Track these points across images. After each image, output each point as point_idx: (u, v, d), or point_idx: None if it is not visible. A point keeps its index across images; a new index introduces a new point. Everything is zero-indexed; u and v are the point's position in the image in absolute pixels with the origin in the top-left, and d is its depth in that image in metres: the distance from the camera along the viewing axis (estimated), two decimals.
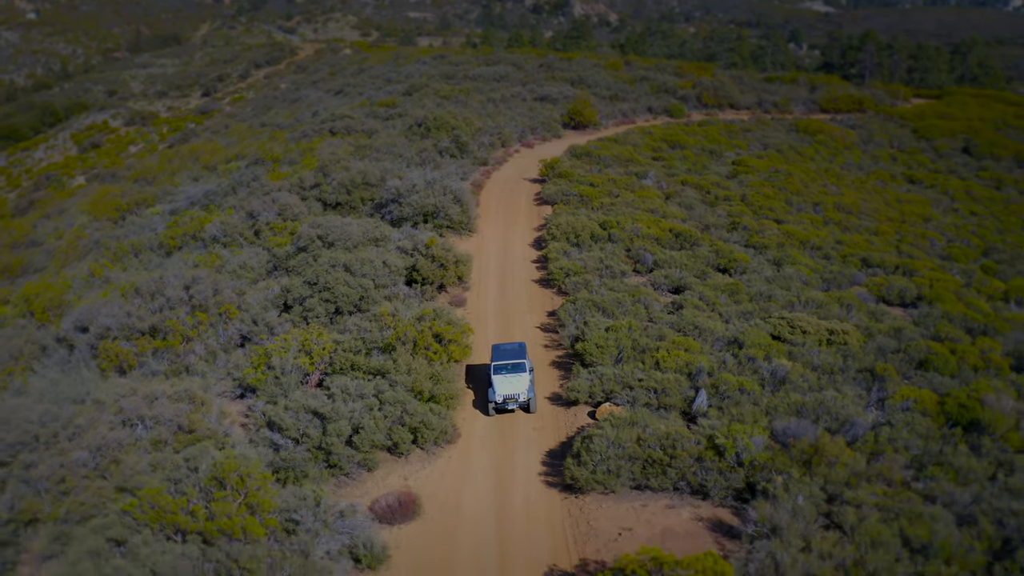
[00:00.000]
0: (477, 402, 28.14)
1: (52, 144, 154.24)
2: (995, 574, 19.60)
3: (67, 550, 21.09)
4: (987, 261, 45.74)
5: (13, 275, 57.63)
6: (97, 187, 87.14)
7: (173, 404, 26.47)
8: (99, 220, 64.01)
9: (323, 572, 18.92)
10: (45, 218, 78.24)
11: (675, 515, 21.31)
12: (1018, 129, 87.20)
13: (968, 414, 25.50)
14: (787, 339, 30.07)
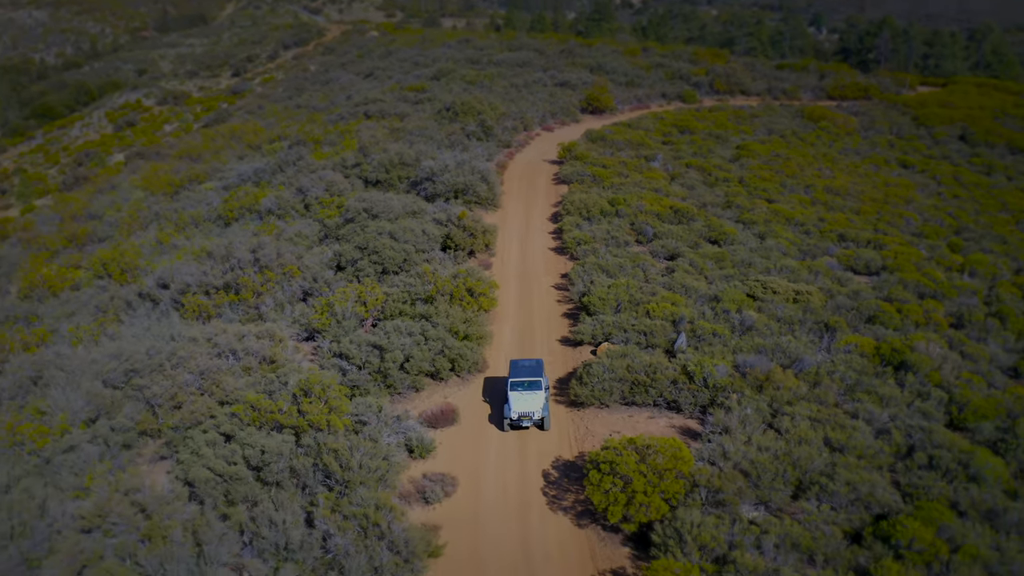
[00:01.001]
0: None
1: (87, 123, 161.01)
2: (897, 470, 26.35)
3: (187, 442, 28.10)
4: (955, 239, 51.99)
5: (80, 243, 64.90)
6: (143, 164, 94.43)
7: (257, 340, 33.56)
8: (154, 195, 71.25)
9: (387, 454, 25.89)
10: (98, 193, 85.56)
11: (654, 423, 28.19)
12: (1016, 118, 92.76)
13: (899, 356, 32.15)
14: (759, 297, 36.75)
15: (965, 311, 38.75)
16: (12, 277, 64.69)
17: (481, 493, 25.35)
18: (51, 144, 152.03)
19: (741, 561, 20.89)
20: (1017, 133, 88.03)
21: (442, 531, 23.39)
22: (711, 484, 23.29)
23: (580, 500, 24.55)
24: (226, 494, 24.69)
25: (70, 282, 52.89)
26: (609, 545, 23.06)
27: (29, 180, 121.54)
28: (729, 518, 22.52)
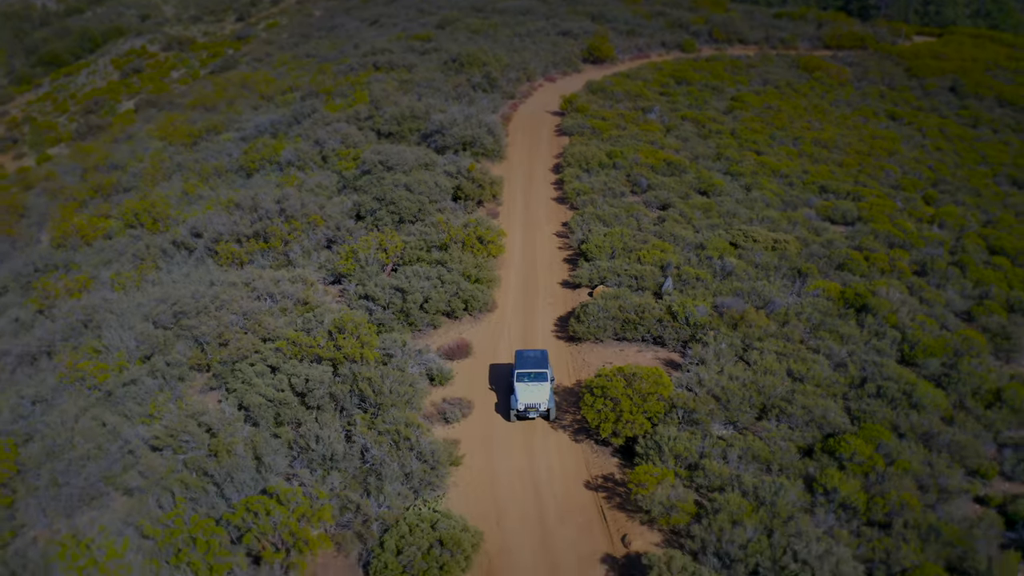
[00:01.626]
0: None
1: (93, 70, 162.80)
2: (849, 398, 30.85)
3: (235, 374, 32.54)
4: (931, 191, 55.97)
5: (106, 194, 68.88)
6: (157, 113, 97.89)
7: (291, 284, 37.99)
8: (173, 145, 75.03)
9: (412, 382, 30.44)
10: (115, 142, 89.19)
11: (642, 356, 32.70)
12: (1007, 71, 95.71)
13: (861, 300, 36.52)
14: (741, 245, 41.01)
15: (929, 260, 42.99)
16: (44, 226, 68.95)
17: (493, 415, 29.97)
18: (58, 92, 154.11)
19: (709, 468, 25.54)
20: (1007, 86, 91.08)
21: (461, 445, 28.05)
22: (687, 406, 27.87)
23: (577, 420, 29.17)
24: (276, 416, 29.29)
25: (102, 231, 57.11)
26: (601, 456, 27.73)
27: (40, 129, 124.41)
28: (701, 434, 27.15)
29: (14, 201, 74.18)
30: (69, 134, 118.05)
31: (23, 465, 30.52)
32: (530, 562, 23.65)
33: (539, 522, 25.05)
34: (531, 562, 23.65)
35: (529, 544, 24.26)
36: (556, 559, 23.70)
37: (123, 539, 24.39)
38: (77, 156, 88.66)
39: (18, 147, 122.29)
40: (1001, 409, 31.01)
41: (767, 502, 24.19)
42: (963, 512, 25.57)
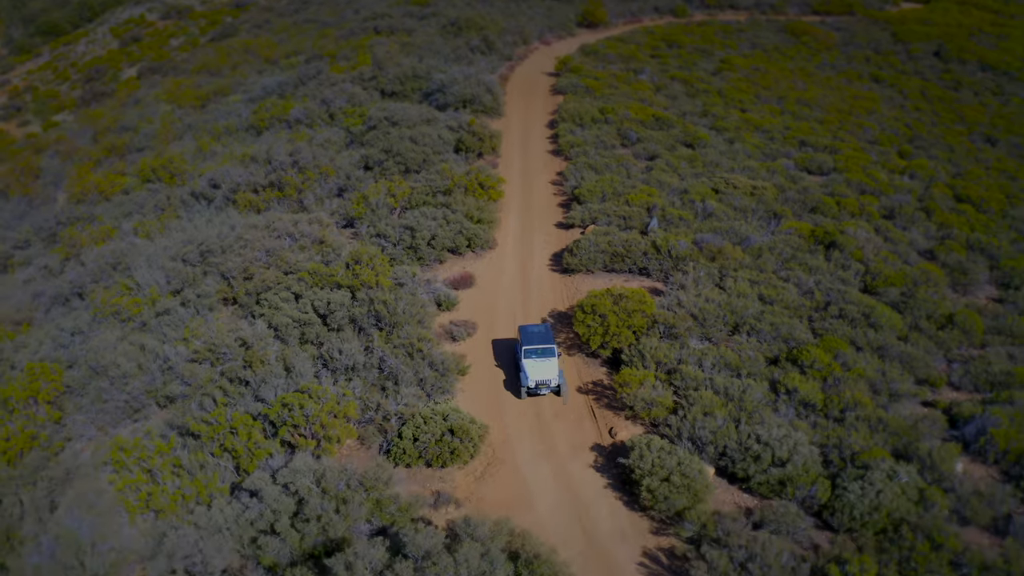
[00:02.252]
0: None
1: (92, 39, 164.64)
2: (814, 319, 34.57)
3: (262, 303, 36.08)
4: (905, 146, 59.52)
5: (120, 153, 72.14)
6: (161, 79, 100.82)
7: (308, 225, 41.49)
8: (182, 107, 78.19)
9: (423, 306, 34.09)
10: (123, 107, 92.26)
11: (628, 285, 36.34)
12: (991, 36, 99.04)
13: (830, 237, 40.19)
14: (722, 191, 44.59)
15: (897, 205, 46.68)
16: (60, 185, 72.18)
17: (495, 334, 33.69)
18: (58, 61, 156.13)
19: (686, 371, 29.31)
20: (990, 51, 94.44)
21: (467, 358, 31.77)
22: (668, 322, 31.59)
23: (570, 337, 32.89)
24: (301, 336, 32.95)
25: (120, 187, 60.50)
26: (591, 366, 31.49)
27: (43, 97, 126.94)
28: (679, 345, 30.90)
29: (28, 162, 77.33)
30: (73, 101, 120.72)
31: (68, 386, 34.05)
32: (529, 450, 27.42)
33: (537, 418, 28.83)
34: (530, 450, 27.42)
35: (528, 436, 28.04)
36: (552, 447, 27.51)
37: (170, 436, 28.13)
38: (86, 120, 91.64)
39: (22, 115, 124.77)
40: (952, 330, 34.80)
41: (735, 398, 27.98)
42: (910, 412, 29.39)
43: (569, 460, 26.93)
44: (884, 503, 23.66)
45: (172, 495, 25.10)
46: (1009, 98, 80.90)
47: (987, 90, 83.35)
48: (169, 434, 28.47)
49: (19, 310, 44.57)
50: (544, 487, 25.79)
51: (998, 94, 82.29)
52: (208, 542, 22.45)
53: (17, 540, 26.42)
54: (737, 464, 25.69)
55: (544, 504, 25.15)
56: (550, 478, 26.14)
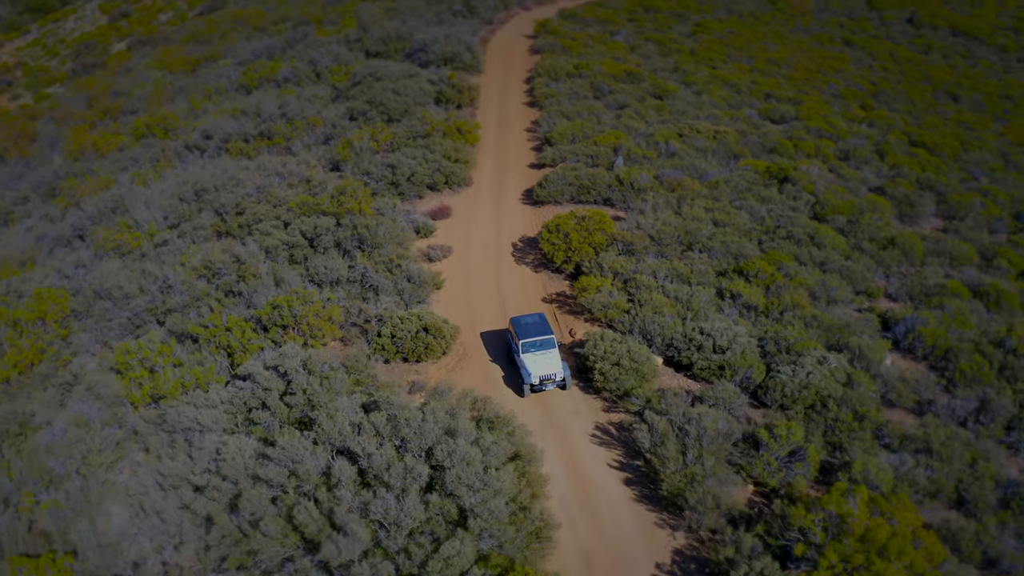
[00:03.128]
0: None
1: (81, 15, 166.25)
2: (763, 240, 37.59)
3: (253, 232, 38.95)
4: (868, 100, 62.53)
5: (114, 116, 74.66)
6: (152, 50, 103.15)
7: (296, 165, 44.36)
8: (173, 73, 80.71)
9: (402, 230, 37.01)
10: (115, 76, 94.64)
11: None
12: (964, 2, 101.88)
13: (784, 173, 43.16)
14: (686, 135, 47.55)
15: (852, 148, 49.70)
16: (56, 148, 74.68)
17: (468, 255, 36.70)
18: (47, 37, 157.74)
19: (640, 280, 32.34)
20: (962, 17, 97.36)
21: (441, 275, 34.76)
22: (626, 240, 34.62)
23: (537, 258, 35.89)
24: (290, 256, 35.87)
25: (115, 145, 63.15)
26: (556, 280, 34.49)
27: (34, 72, 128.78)
28: (636, 259, 33.93)
29: (24, 127, 79.82)
30: (64, 75, 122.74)
31: (74, 309, 36.89)
32: (495, 349, 30.45)
33: (505, 323, 31.84)
34: (496, 349, 30.45)
35: (496, 338, 31.07)
36: None
37: (171, 340, 31.07)
38: (79, 89, 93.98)
39: (13, 89, 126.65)
40: (893, 250, 37.88)
41: (684, 301, 31.03)
42: (846, 314, 32.44)
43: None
44: (813, 383, 26.72)
45: (173, 384, 28.05)
46: (977, 61, 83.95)
47: (957, 54, 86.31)
48: (169, 339, 31.43)
49: (23, 252, 47.27)
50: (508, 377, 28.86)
51: (967, 57, 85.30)
52: (205, 415, 25.41)
53: (30, 430, 29.32)
54: (682, 353, 28.75)
55: (508, 390, 28.19)
56: (515, 370, 29.14)
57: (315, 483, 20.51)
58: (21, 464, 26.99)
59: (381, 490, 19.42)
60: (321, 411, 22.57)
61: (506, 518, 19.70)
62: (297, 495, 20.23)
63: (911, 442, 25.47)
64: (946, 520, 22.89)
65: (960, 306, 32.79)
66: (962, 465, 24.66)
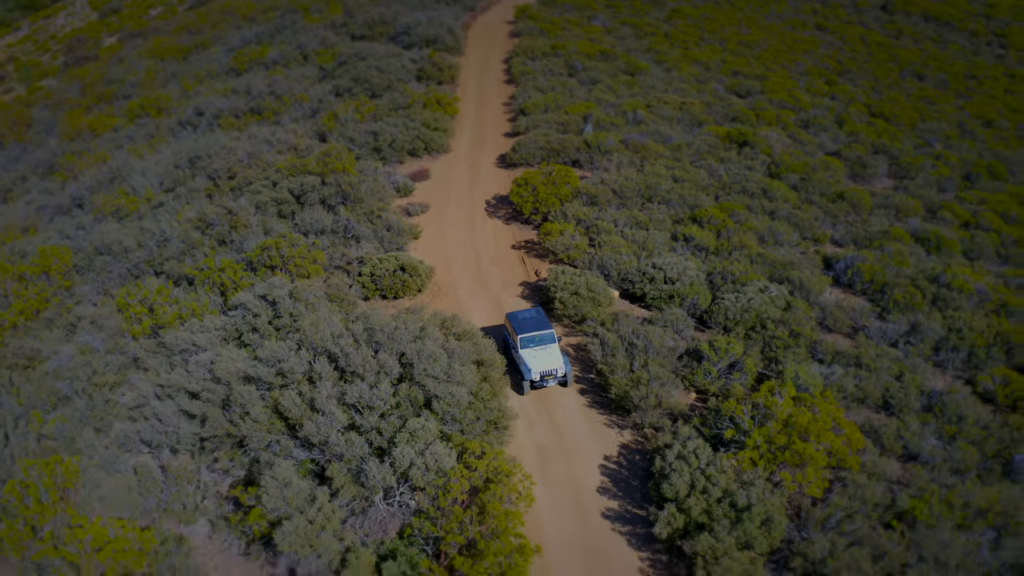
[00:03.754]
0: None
1: (71, 11, 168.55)
2: (719, 195, 40.58)
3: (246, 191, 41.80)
4: (833, 76, 65.66)
5: (108, 100, 77.42)
6: (143, 41, 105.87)
7: (285, 134, 47.26)
8: (165, 60, 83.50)
9: (384, 188, 39.91)
10: (107, 66, 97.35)
11: None
12: None
13: (743, 138, 46.20)
14: (653, 106, 50.55)
15: (812, 118, 52.78)
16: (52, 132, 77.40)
17: (445, 211, 39.67)
18: (38, 34, 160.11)
19: (601, 226, 35.30)
20: (935, 3, 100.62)
21: (419, 226, 37.68)
22: (590, 192, 37.60)
23: (508, 212, 38.87)
24: (278, 211, 38.73)
25: (110, 126, 65.95)
26: (525, 230, 37.47)
27: (26, 66, 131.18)
28: (598, 209, 36.89)
29: (20, 114, 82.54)
30: (56, 68, 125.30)
31: (76, 264, 39.67)
32: (469, 287, 33.41)
33: (476, 265, 34.83)
34: (470, 287, 33.41)
35: (468, 277, 34.04)
36: (487, 284, 33.52)
37: (168, 282, 33.92)
38: (72, 78, 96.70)
39: (5, 83, 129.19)
40: (842, 203, 40.93)
41: (640, 242, 34.00)
42: (791, 254, 35.40)
43: (501, 292, 32.95)
44: (754, 307, 29.68)
45: (171, 316, 30.89)
46: (947, 44, 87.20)
47: (927, 38, 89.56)
48: (167, 283, 34.28)
49: (25, 220, 50.06)
50: (479, 309, 31.75)
51: (937, 41, 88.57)
52: (200, 337, 28.26)
53: (38, 363, 32.08)
54: (636, 286, 31.71)
55: (478, 320, 31.08)
56: (484, 304, 32.08)
57: (298, 380, 23.37)
58: (30, 389, 29.72)
59: (357, 380, 22.30)
60: (305, 320, 25.44)
61: (467, 405, 22.60)
62: (282, 390, 23.10)
63: (843, 357, 28.39)
64: (870, 419, 25.78)
65: (899, 248, 35.86)
66: (889, 377, 27.57)
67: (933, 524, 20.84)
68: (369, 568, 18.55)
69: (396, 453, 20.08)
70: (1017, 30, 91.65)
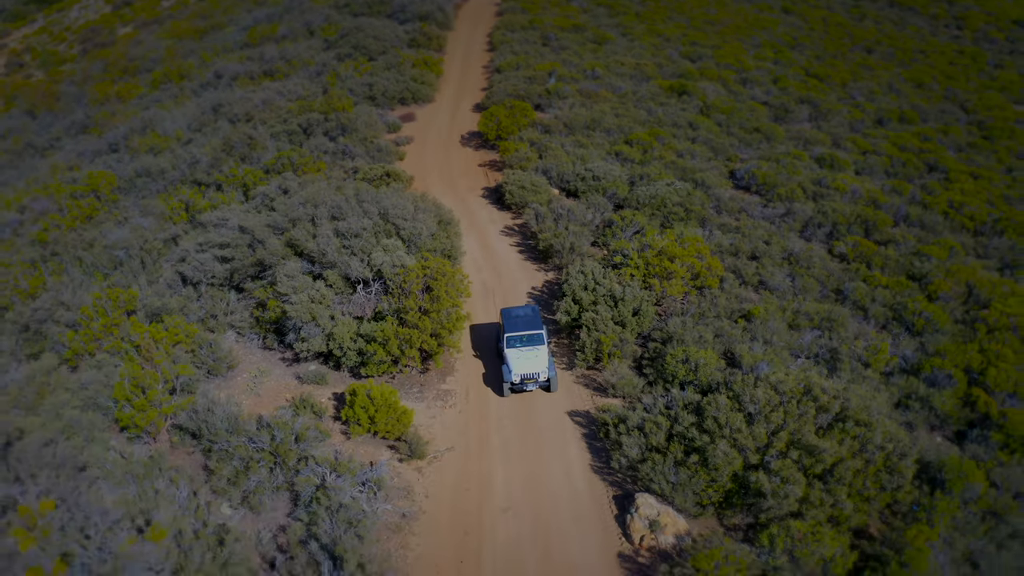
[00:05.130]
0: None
1: (85, 4, 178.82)
2: (665, 136, 50.44)
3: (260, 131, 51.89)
4: (784, 48, 75.47)
5: (132, 73, 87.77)
6: (159, 27, 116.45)
7: (294, 87, 57.38)
8: (183, 40, 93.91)
9: (376, 123, 49.90)
10: (127, 47, 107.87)
11: None
12: None
13: (683, 88, 56.07)
14: (612, 67, 60.48)
15: (751, 76, 62.63)
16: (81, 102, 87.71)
17: (426, 141, 49.76)
18: (53, 26, 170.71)
19: (549, 144, 45.18)
20: None
21: (403, 150, 47.70)
22: (544, 123, 47.56)
23: (478, 142, 48.89)
24: (289, 140, 48.75)
25: (136, 93, 76.17)
26: (490, 154, 47.47)
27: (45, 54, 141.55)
28: (549, 136, 46.84)
29: (49, 87, 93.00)
30: (74, 56, 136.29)
31: (120, 186, 49.62)
32: (439, 189, 43.33)
33: (448, 176, 44.84)
34: (440, 189, 43.33)
35: (440, 183, 43.98)
36: (456, 188, 43.53)
37: (200, 187, 43.89)
38: (95, 59, 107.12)
39: (25, 69, 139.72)
40: (757, 135, 50.69)
41: (578, 156, 43.88)
42: (702, 165, 45.10)
43: (466, 194, 42.94)
44: (660, 194, 39.44)
45: (204, 204, 40.85)
46: (905, 26, 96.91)
47: (889, 21, 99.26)
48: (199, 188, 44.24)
49: (68, 161, 60.17)
50: (448, 204, 41.67)
51: (898, 24, 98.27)
52: (229, 212, 38.15)
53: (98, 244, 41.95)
54: (571, 184, 41.58)
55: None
56: (454, 201, 41.93)
57: (304, 225, 33.22)
58: (92, 258, 39.69)
59: (347, 218, 32.15)
60: (308, 189, 35.38)
61: (428, 237, 32.46)
62: (293, 227, 32.96)
63: (725, 227, 38.10)
64: (736, 263, 35.36)
65: (792, 160, 45.64)
66: (759, 240, 37.20)
67: (766, 319, 30.42)
68: (352, 326, 28.30)
69: (372, 257, 29.89)
70: (975, 14, 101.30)
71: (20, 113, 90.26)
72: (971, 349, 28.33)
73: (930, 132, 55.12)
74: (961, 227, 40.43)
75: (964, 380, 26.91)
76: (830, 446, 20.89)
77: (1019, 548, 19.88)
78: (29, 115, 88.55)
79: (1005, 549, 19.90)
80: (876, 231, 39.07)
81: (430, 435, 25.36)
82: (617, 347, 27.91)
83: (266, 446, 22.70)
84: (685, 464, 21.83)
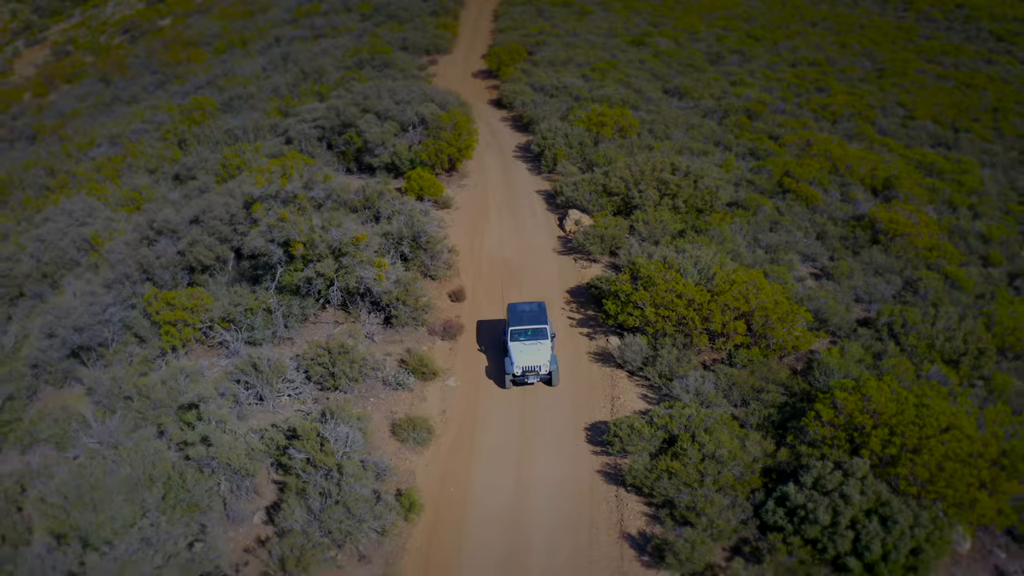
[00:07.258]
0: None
1: (119, 0, 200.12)
2: (620, 66, 71.10)
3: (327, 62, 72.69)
4: (735, 20, 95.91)
5: (195, 45, 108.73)
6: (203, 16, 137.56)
7: (346, 43, 78.16)
8: (234, 20, 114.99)
9: (409, 62, 70.55)
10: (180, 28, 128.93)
11: None
12: None
13: (641, 41, 76.67)
14: (589, 28, 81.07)
15: (700, 36, 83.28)
16: (151, 70, 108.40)
17: (446, 74, 70.48)
18: (91, 20, 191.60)
19: (535, 72, 65.79)
20: None
21: (431, 80, 68.40)
22: (533, 60, 68.26)
23: (486, 75, 69.43)
24: (347, 71, 69.42)
25: (204, 58, 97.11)
26: (494, 83, 67.96)
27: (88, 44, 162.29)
28: (536, 67, 67.46)
29: (121, 57, 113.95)
30: (121, 43, 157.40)
31: (220, 108, 70.32)
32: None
33: (461, 91, 65.26)
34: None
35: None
36: (470, 100, 63.93)
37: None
38: (152, 39, 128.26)
39: (71, 57, 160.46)
40: (695, 73, 71.26)
41: (557, 77, 64.41)
42: (641, 84, 65.63)
43: (475, 102, 63.30)
44: (608, 94, 59.76)
45: (295, 104, 61.46)
46: (857, 7, 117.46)
47: (842, 4, 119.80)
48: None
49: (162, 99, 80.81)
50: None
51: (850, 6, 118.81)
52: (316, 104, 58.64)
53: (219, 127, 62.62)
54: (548, 92, 61.99)
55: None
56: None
57: (373, 99, 53.63)
58: (213, 134, 60.14)
59: (399, 94, 52.60)
60: (371, 83, 56.04)
61: (455, 105, 52.98)
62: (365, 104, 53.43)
63: (650, 111, 58.61)
64: (653, 126, 55.73)
65: (710, 80, 66.19)
66: (669, 117, 57.59)
67: (666, 148, 50.81)
68: (406, 147, 48.70)
69: (420, 108, 50.36)
70: None
71: (92, 81, 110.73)
72: (791, 161, 48.68)
73: (830, 70, 75.56)
74: (824, 119, 60.82)
75: (781, 173, 47.15)
76: (676, 180, 41.23)
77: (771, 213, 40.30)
78: (103, 82, 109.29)
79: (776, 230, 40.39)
80: (755, 117, 59.47)
81: (454, 197, 46.01)
82: (566, 155, 48.45)
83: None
84: (598, 193, 42.23)
